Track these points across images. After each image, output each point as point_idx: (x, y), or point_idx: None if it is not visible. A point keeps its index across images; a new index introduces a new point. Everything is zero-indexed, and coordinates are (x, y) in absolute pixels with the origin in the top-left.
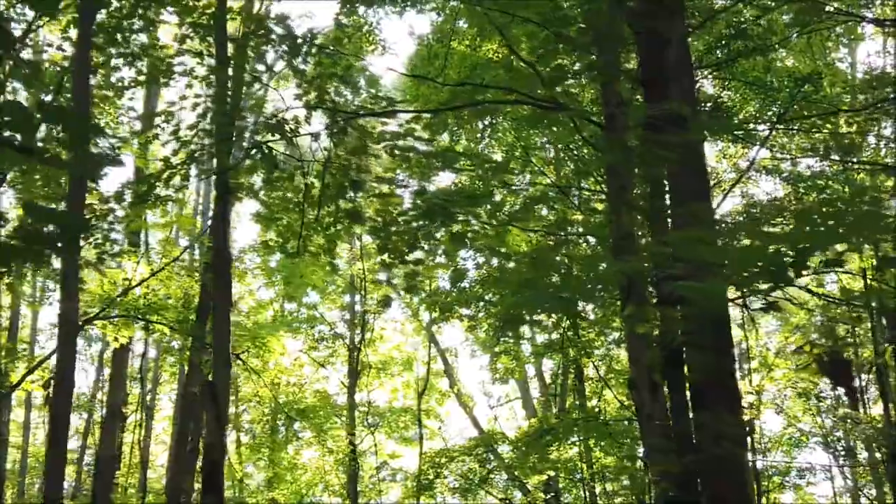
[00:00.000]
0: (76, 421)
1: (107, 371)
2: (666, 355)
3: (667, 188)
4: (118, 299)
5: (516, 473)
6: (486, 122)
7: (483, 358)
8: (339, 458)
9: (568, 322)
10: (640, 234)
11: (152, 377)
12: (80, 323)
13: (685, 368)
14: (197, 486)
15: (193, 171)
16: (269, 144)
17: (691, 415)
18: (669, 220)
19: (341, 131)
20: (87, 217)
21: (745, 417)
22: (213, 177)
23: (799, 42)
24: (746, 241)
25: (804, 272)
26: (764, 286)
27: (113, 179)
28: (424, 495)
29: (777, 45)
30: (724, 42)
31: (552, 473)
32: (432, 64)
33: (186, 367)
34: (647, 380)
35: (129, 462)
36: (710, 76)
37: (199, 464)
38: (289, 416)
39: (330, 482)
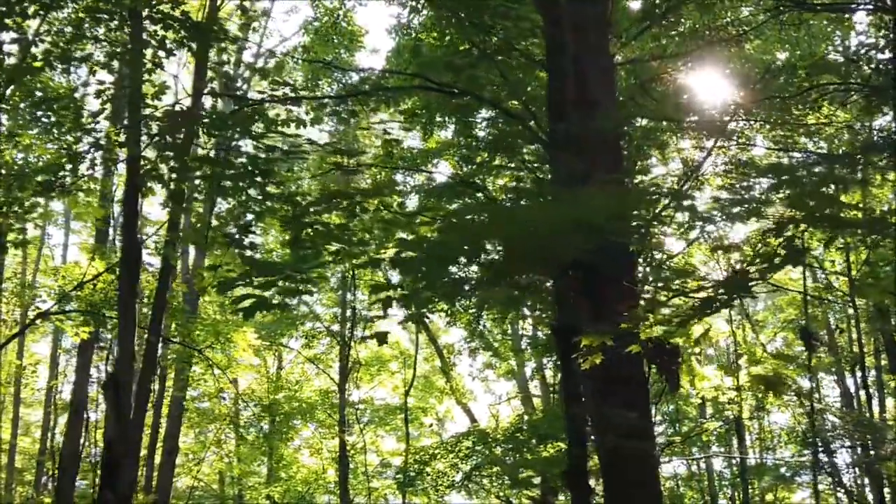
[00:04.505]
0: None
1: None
2: (558, 337)
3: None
4: (73, 293)
5: (516, 469)
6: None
7: (481, 356)
8: (332, 455)
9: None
10: None
11: None
12: (34, 317)
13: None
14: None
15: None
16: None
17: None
18: None
19: (247, 118)
20: None
21: (729, 415)
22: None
23: (774, 33)
24: None
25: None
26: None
27: None
28: (408, 492)
29: (750, 36)
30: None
31: (535, 472)
32: (402, 56)
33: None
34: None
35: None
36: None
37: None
38: (249, 408)
39: (327, 478)
